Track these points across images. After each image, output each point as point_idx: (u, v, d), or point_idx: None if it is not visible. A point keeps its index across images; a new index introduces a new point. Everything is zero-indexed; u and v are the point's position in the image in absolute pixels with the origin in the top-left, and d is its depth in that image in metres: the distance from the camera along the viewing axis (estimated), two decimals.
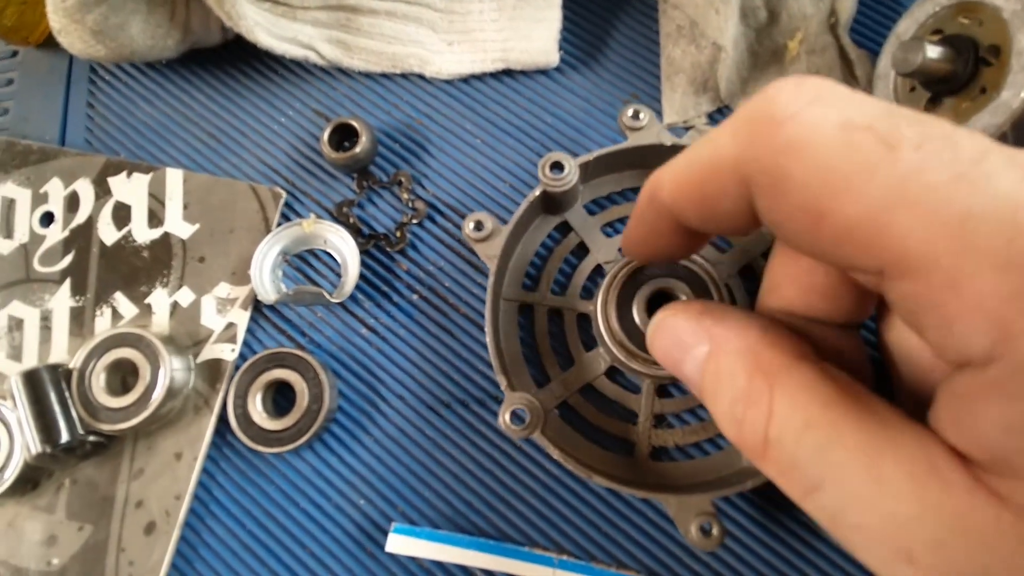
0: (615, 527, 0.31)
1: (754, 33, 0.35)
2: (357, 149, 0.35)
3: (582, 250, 0.35)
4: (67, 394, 0.33)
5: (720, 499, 0.31)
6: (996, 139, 0.28)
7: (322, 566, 0.32)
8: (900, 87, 0.33)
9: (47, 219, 0.38)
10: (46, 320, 0.36)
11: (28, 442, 0.32)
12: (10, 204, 0.38)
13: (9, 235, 0.38)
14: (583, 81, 0.38)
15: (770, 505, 0.31)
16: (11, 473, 0.33)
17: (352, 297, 0.35)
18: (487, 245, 0.32)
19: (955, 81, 0.30)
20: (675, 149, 0.33)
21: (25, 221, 0.38)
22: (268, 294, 0.34)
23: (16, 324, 0.36)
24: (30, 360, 0.36)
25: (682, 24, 0.36)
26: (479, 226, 0.32)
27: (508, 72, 0.38)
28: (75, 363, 0.33)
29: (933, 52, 0.29)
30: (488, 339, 0.31)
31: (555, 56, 0.37)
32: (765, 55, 0.35)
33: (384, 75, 0.39)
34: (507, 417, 0.29)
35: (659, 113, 0.37)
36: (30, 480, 0.34)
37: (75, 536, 0.33)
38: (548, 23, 0.36)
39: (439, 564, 0.31)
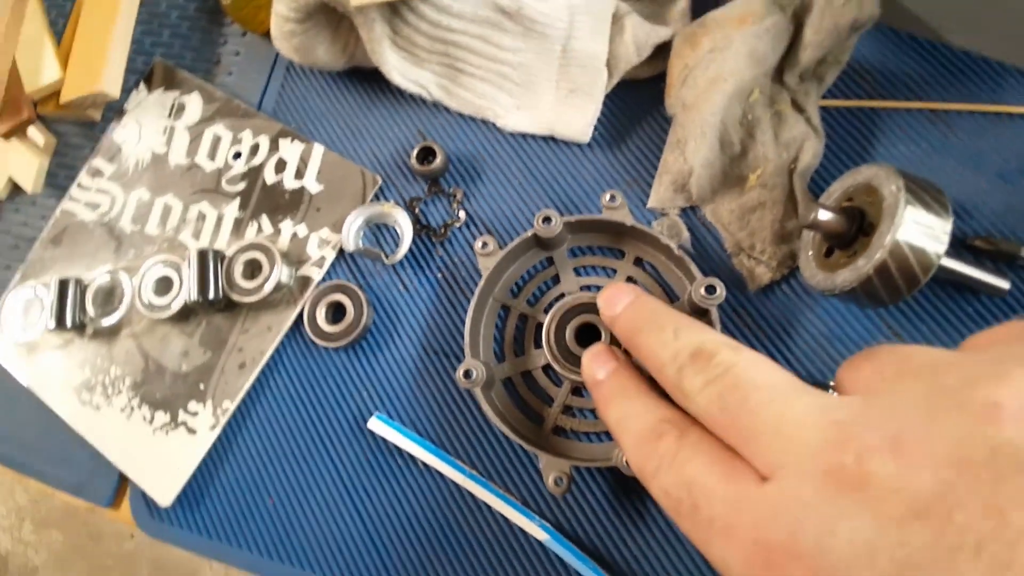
0: (513, 465, 0.46)
1: (728, 159, 0.46)
2: (432, 166, 0.51)
3: (557, 280, 0.49)
4: (219, 270, 0.53)
5: (582, 469, 0.45)
6: (846, 292, 0.39)
7: (329, 423, 0.50)
8: (815, 236, 0.43)
9: (236, 156, 0.58)
10: (219, 221, 0.56)
11: (190, 290, 0.52)
12: (217, 139, 0.58)
13: (212, 159, 0.58)
14: (603, 159, 0.51)
15: (619, 488, 0.44)
16: (176, 306, 0.53)
17: (400, 263, 0.52)
18: (487, 259, 0.47)
19: (842, 240, 0.41)
20: (633, 228, 0.46)
21: (224, 153, 0.58)
22: (349, 245, 0.52)
23: (201, 217, 0.57)
24: (204, 242, 0.56)
25: (680, 139, 0.48)
26: (485, 245, 0.47)
27: (552, 138, 0.52)
28: (229, 252, 0.53)
29: (824, 215, 0.40)
30: (467, 320, 0.46)
31: (587, 136, 0.50)
32: (732, 177, 0.47)
33: (470, 117, 0.54)
34: (461, 372, 0.44)
35: (646, 196, 0.49)
36: (184, 314, 0.54)
37: (200, 356, 0.54)
38: (587, 113, 0.50)
39: (398, 449, 0.48)
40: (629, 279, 0.48)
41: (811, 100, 0.46)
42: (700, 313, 0.45)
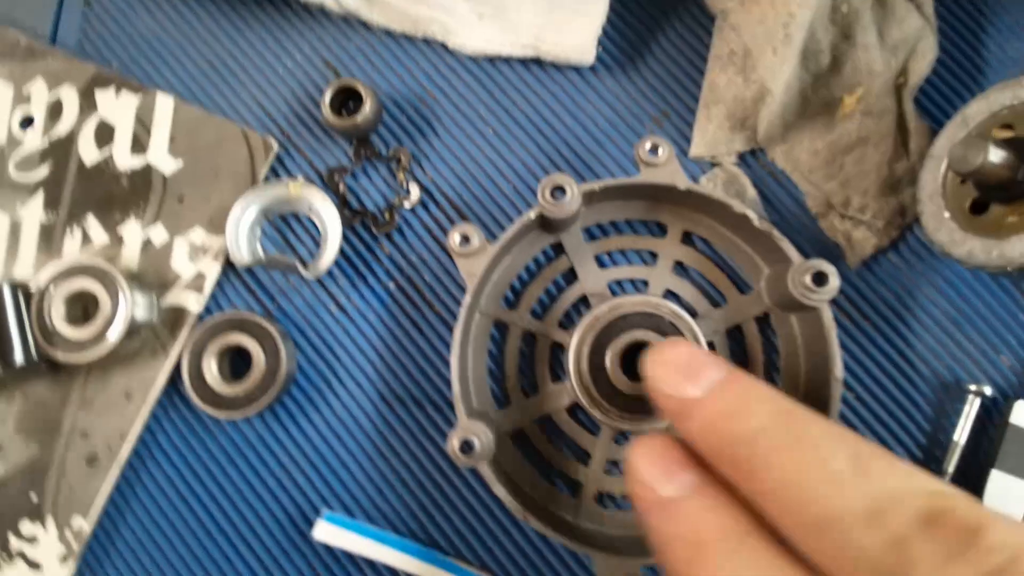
0: (545, 562, 0.31)
1: (811, 78, 0.32)
2: (358, 118, 0.33)
3: (571, 275, 0.33)
4: (25, 316, 0.32)
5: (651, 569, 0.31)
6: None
7: (251, 538, 0.32)
8: (950, 176, 0.30)
9: (27, 123, 0.36)
10: (15, 230, 0.35)
11: None
12: None
13: None
14: (615, 87, 0.35)
15: None
16: None
17: (328, 271, 0.34)
18: (470, 262, 0.30)
19: (1010, 190, 0.27)
20: (689, 194, 0.30)
21: (4, 120, 0.36)
22: (241, 255, 0.33)
23: None
24: None
25: (735, 49, 0.32)
26: (465, 240, 0.30)
27: (537, 61, 0.35)
28: (37, 284, 0.33)
29: (996, 156, 0.26)
30: (453, 361, 0.30)
31: (591, 54, 0.34)
32: (817, 104, 0.32)
33: (404, 36, 0.35)
34: (456, 443, 0.28)
35: (687, 140, 0.34)
36: None
37: (22, 450, 0.34)
38: (590, 17, 0.33)
39: (368, 562, 0.32)
40: (677, 266, 0.33)
41: None
42: (792, 309, 0.31)
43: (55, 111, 0.36)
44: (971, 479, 0.31)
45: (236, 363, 0.34)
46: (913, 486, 0.15)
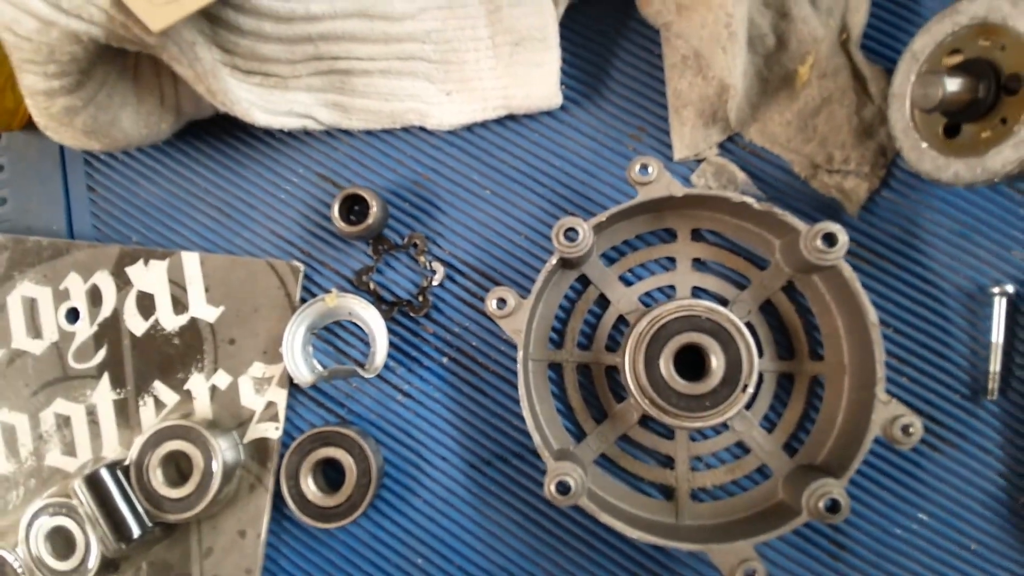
0: (667, 570, 0.33)
1: (762, 60, 0.34)
2: (369, 220, 0.35)
3: (603, 301, 0.35)
4: (129, 490, 0.35)
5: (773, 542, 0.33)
6: (1017, 174, 0.28)
7: None
8: (916, 109, 0.32)
9: (73, 315, 0.38)
10: (92, 415, 0.38)
11: (103, 539, 0.34)
12: (32, 304, 0.38)
13: (38, 335, 0.38)
14: (588, 119, 0.37)
15: (812, 546, 0.33)
16: (93, 565, 0.35)
17: (384, 365, 0.36)
18: (512, 321, 0.32)
19: (975, 109, 0.29)
20: (688, 198, 0.33)
21: (51, 319, 0.38)
22: (303, 376, 0.35)
23: (64, 421, 0.38)
24: (84, 454, 0.38)
25: (687, 55, 0.34)
26: (502, 303, 0.32)
27: (511, 117, 0.37)
28: (131, 458, 0.35)
29: (953, 84, 0.29)
30: (525, 414, 0.32)
31: (557, 98, 0.36)
32: (775, 81, 0.34)
33: (386, 131, 0.38)
34: (552, 488, 0.30)
35: (668, 147, 0.36)
36: (110, 566, 0.36)
37: None
38: (547, 66, 0.35)
39: None
40: (696, 263, 0.35)
41: None
42: (812, 270, 0.33)
43: (95, 297, 0.38)
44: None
45: (330, 475, 0.36)
46: None
